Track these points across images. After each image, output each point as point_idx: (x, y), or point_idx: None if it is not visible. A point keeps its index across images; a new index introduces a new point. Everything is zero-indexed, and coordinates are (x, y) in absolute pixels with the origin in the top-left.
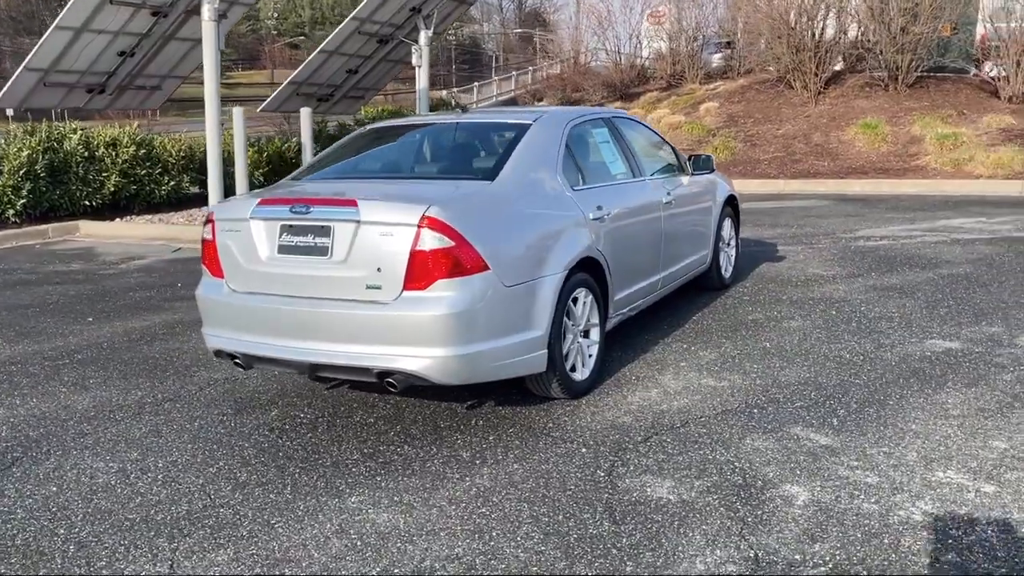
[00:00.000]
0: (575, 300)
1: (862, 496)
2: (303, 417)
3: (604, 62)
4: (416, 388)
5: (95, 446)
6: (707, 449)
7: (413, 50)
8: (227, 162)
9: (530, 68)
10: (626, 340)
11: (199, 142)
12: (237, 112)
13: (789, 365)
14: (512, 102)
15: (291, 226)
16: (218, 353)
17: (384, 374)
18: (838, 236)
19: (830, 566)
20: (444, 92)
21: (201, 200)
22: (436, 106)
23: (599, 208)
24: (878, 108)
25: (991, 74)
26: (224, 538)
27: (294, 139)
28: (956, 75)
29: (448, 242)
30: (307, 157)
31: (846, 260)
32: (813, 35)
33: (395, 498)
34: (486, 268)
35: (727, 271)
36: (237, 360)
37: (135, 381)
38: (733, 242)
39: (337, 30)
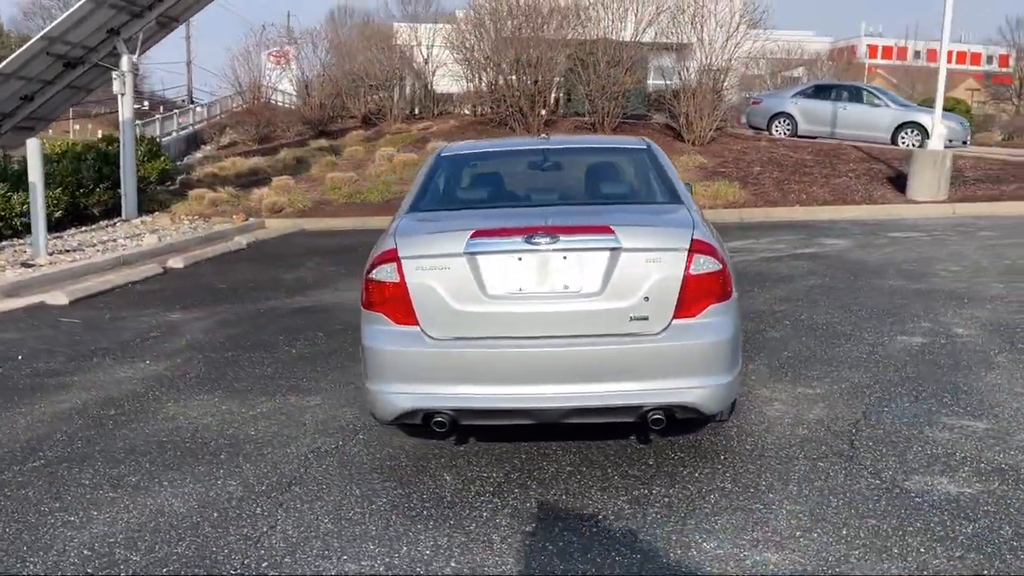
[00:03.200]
0: None
1: None
2: (491, 476)
3: (290, 98)
4: (524, 430)
5: (357, 558)
6: (915, 445)
7: (115, 76)
8: None
9: (204, 103)
10: None
11: None
12: (33, 144)
13: (837, 368)
14: (196, 136)
15: (520, 259)
16: (402, 416)
17: (653, 411)
18: None
19: None
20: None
21: None
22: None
23: None
24: None
25: (664, 120)
26: None
27: None
28: (640, 120)
29: (718, 265)
30: (38, 198)
31: None
32: (535, 81)
33: (751, 536)
34: (734, 291)
35: None
36: (439, 419)
37: (214, 470)
38: None
39: (21, 49)
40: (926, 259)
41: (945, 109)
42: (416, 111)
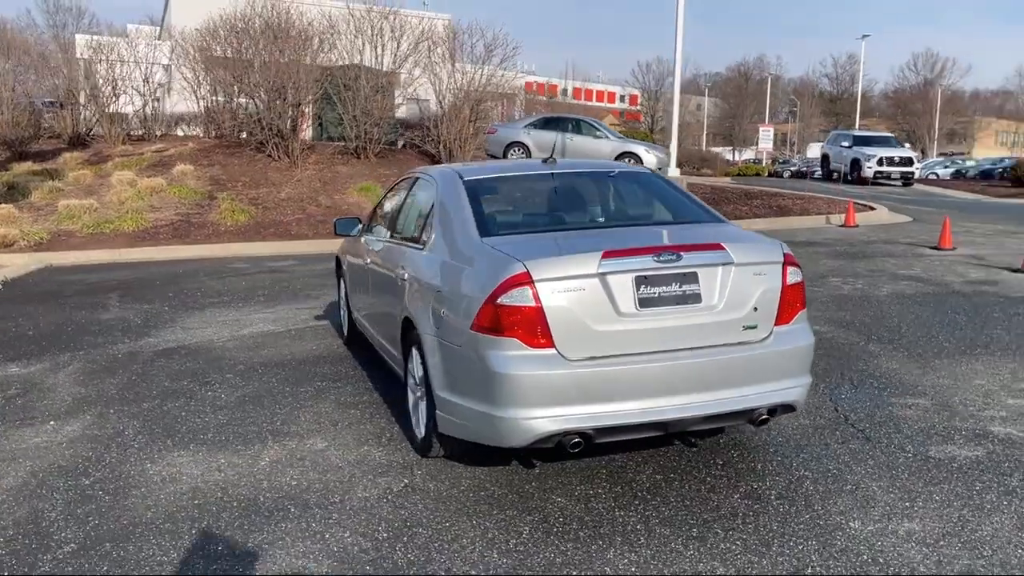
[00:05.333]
0: None
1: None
2: (597, 494)
3: None
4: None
5: None
6: (901, 423)
7: None
8: None
9: None
10: None
11: None
12: None
13: None
14: None
15: (646, 277)
16: (540, 440)
17: (763, 412)
18: None
19: None
20: None
21: None
22: None
23: None
24: (360, 173)
25: (422, 147)
26: None
27: None
28: (394, 147)
29: (801, 276)
30: None
31: None
32: (297, 105)
33: (876, 511)
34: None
35: None
36: (576, 440)
37: (304, 526)
38: None
39: None
40: None
41: (643, 140)
42: (138, 132)
